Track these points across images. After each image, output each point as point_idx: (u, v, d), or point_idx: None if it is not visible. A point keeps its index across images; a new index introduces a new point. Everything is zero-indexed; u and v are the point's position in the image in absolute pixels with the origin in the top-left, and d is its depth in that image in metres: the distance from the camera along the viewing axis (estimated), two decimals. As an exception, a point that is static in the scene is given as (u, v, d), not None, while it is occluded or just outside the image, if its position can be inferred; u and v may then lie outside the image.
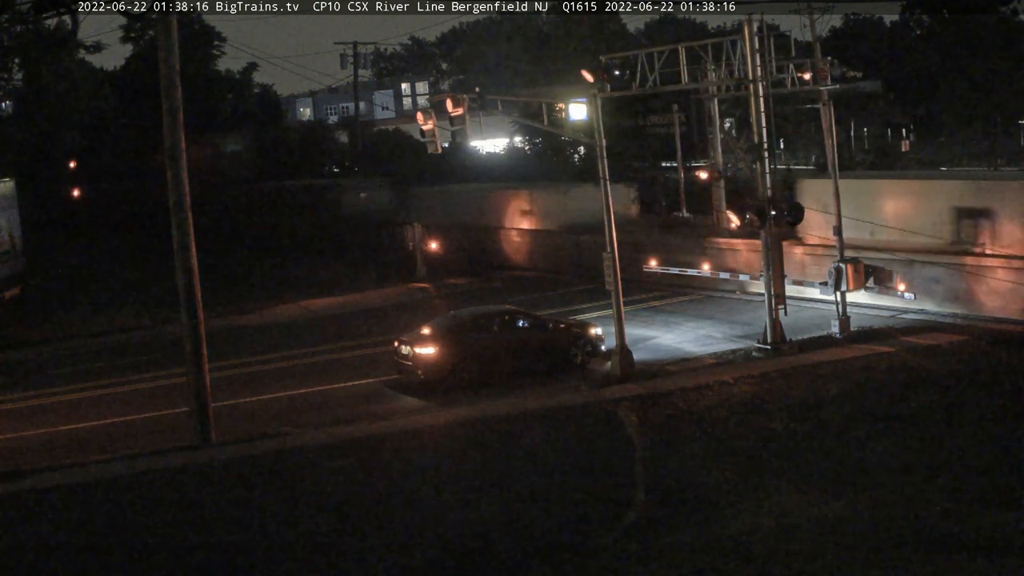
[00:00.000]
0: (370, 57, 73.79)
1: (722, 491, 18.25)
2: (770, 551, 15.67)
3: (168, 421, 24.85)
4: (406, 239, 45.04)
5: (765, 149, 27.12)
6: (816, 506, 17.27)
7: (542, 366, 26.90)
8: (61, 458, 22.57)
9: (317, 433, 23.23)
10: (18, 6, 27.60)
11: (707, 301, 34.60)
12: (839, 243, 28.85)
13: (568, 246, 42.29)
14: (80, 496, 20.23)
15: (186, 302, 23.01)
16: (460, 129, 26.25)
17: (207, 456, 22.21)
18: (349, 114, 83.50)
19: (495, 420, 23.31)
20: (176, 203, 22.86)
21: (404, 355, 26.49)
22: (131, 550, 17.52)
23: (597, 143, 26.39)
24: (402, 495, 19.27)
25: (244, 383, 28.11)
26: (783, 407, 22.65)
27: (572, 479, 19.52)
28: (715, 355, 27.56)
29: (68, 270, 52.31)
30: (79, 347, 34.96)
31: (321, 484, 20.09)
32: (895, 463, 18.95)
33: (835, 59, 29.16)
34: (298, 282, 44.23)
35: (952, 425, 20.77)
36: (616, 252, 26.35)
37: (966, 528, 16.07)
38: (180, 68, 22.75)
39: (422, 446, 22.17)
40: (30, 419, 26.01)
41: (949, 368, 24.65)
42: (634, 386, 25.00)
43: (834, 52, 40.29)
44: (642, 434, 21.73)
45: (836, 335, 28.04)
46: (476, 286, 41.18)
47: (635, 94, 29.16)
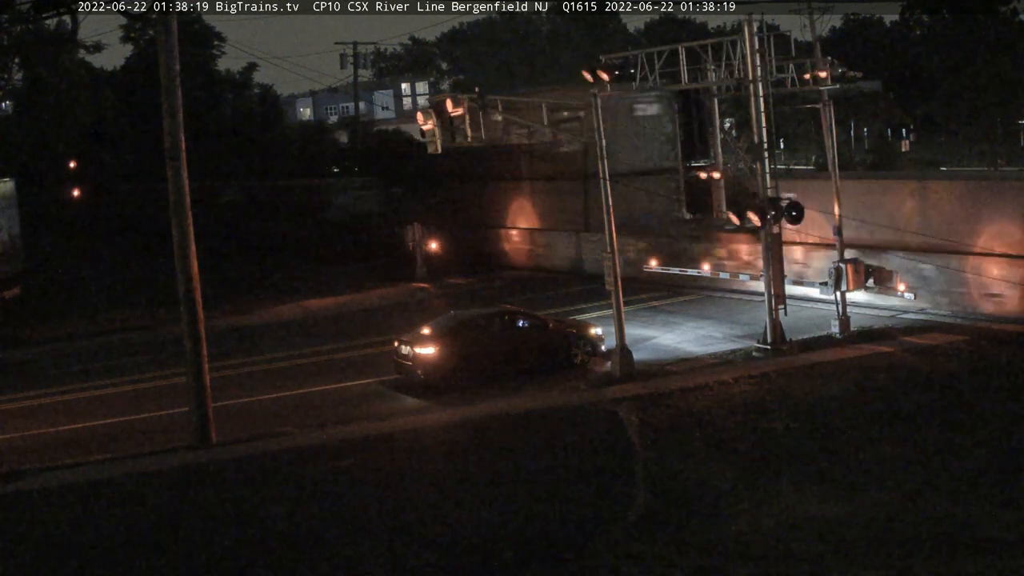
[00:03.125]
0: (370, 57, 73.81)
1: (722, 491, 18.25)
2: (770, 551, 15.68)
3: (168, 421, 24.84)
4: (406, 239, 45.00)
5: (765, 149, 27.13)
6: (816, 506, 17.28)
7: (542, 366, 26.90)
8: (61, 458, 22.57)
9: (317, 433, 23.23)
10: (18, 6, 27.61)
11: (707, 301, 34.61)
12: (839, 243, 28.87)
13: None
14: (80, 496, 20.23)
15: (186, 302, 23.00)
16: (460, 129, 26.24)
17: (207, 456, 22.20)
18: (349, 114, 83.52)
19: (495, 420, 23.31)
20: (176, 203, 22.85)
21: (404, 355, 26.49)
22: (131, 550, 17.53)
23: (597, 143, 26.41)
24: (402, 495, 19.27)
25: (244, 383, 28.11)
26: (783, 407, 22.66)
27: (572, 479, 19.52)
28: (715, 355, 27.55)
29: (68, 270, 52.29)
30: (79, 347, 34.95)
31: (321, 484, 20.08)
32: (895, 463, 18.95)
33: (835, 59, 29.08)
34: (298, 282, 44.25)
35: (952, 425, 20.76)
36: (616, 252, 26.37)
37: (966, 528, 16.08)
38: (180, 68, 22.76)
39: (422, 446, 22.18)
40: (30, 419, 25.99)
41: (949, 368, 24.67)
42: (634, 386, 25.00)
43: (834, 52, 40.30)
44: (642, 434, 21.73)
45: (836, 335, 28.05)
46: (476, 286, 41.19)
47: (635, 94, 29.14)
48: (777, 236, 27.53)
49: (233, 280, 43.94)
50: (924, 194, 31.99)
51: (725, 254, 35.81)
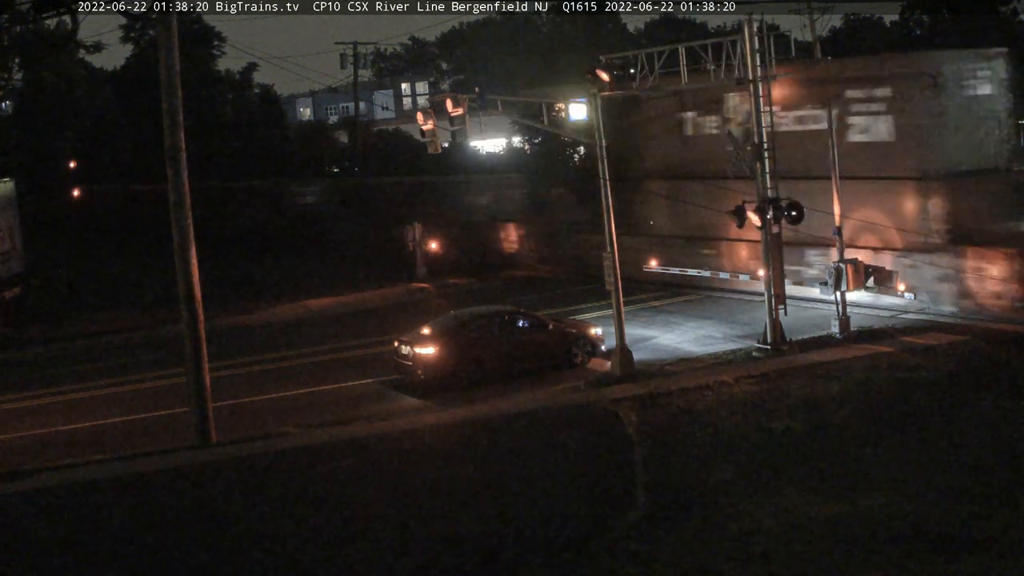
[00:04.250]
0: (370, 57, 73.53)
1: (722, 491, 18.26)
2: (770, 551, 15.69)
3: (168, 421, 24.86)
4: (406, 239, 44.96)
5: (765, 149, 27.12)
6: (816, 506, 17.28)
7: (542, 366, 26.89)
8: (61, 458, 22.58)
9: (317, 433, 23.23)
10: (18, 6, 27.62)
11: (707, 301, 34.61)
12: (839, 243, 28.86)
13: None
14: (80, 496, 20.23)
15: (186, 302, 23.01)
16: (460, 129, 26.24)
17: (207, 456, 22.20)
18: (349, 114, 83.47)
19: (495, 420, 23.31)
20: (176, 203, 22.85)
21: (404, 355, 26.49)
22: (131, 550, 17.54)
23: (597, 143, 26.41)
24: (402, 495, 19.27)
25: (244, 383, 28.11)
26: (783, 407, 22.67)
27: (572, 479, 19.53)
28: (715, 355, 27.54)
29: (68, 270, 52.26)
30: (79, 347, 34.95)
31: (321, 484, 20.09)
32: (895, 463, 18.96)
33: (835, 59, 29.15)
34: (297, 282, 44.21)
35: (952, 425, 20.77)
36: (616, 252, 26.37)
37: (966, 528, 16.08)
38: (180, 68, 22.76)
39: (422, 446, 22.17)
40: (30, 419, 26.01)
41: (949, 368, 24.67)
42: (634, 386, 24.99)
43: (834, 52, 40.32)
44: (642, 434, 21.74)
45: (836, 335, 28.04)
46: (476, 286, 41.18)
47: (635, 94, 29.15)
48: (777, 236, 27.51)
49: (233, 280, 43.93)
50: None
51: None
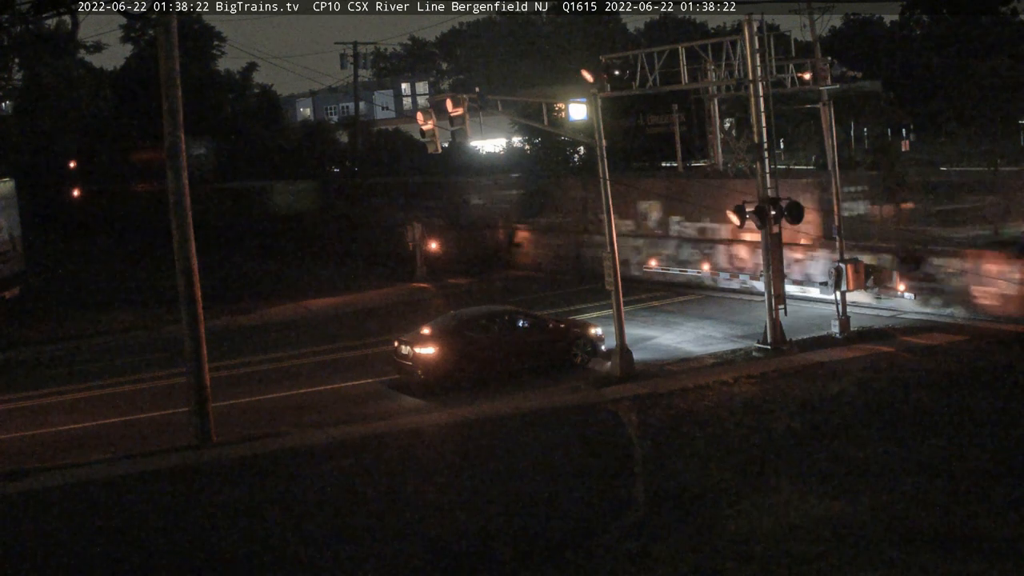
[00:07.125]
0: (370, 57, 73.53)
1: (722, 491, 18.24)
2: (770, 551, 15.67)
3: (168, 421, 24.85)
4: (406, 239, 44.97)
5: (765, 149, 27.13)
6: (816, 506, 17.27)
7: (542, 366, 26.89)
8: (61, 458, 22.57)
9: (317, 433, 23.23)
10: (18, 6, 27.63)
11: (707, 301, 34.61)
12: (839, 243, 28.87)
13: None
14: (80, 496, 20.23)
15: (186, 302, 23.01)
16: (460, 129, 26.24)
17: (207, 456, 22.21)
18: (349, 114, 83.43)
19: (495, 420, 23.31)
20: (176, 203, 22.85)
21: (404, 355, 26.49)
22: (131, 550, 17.52)
23: (597, 143, 26.41)
24: (402, 495, 19.26)
25: (244, 383, 28.11)
26: (783, 407, 22.66)
27: (572, 479, 19.51)
28: (715, 355, 27.56)
29: (68, 270, 52.28)
30: (79, 347, 34.95)
31: (321, 484, 20.08)
32: (895, 463, 18.95)
33: (835, 59, 29.11)
34: (297, 282, 44.23)
35: (952, 425, 20.77)
36: (616, 252, 26.37)
37: (966, 528, 16.07)
38: (180, 68, 22.75)
39: (422, 446, 22.18)
40: (30, 419, 26.00)
41: (949, 368, 24.67)
42: (634, 386, 25.00)
43: (834, 52, 40.30)
44: (642, 434, 21.73)
45: (836, 335, 28.05)
46: (476, 286, 41.18)
47: (635, 94, 29.19)
48: (777, 236, 27.53)
49: (233, 280, 43.94)
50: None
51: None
